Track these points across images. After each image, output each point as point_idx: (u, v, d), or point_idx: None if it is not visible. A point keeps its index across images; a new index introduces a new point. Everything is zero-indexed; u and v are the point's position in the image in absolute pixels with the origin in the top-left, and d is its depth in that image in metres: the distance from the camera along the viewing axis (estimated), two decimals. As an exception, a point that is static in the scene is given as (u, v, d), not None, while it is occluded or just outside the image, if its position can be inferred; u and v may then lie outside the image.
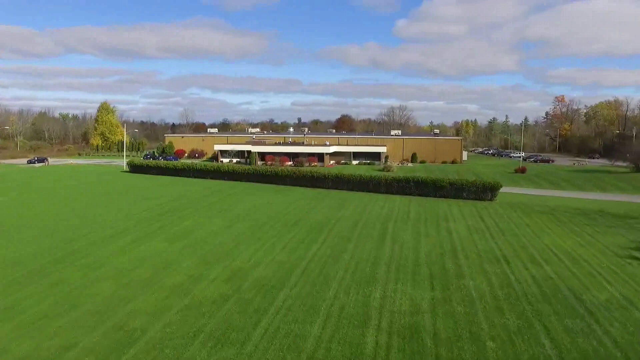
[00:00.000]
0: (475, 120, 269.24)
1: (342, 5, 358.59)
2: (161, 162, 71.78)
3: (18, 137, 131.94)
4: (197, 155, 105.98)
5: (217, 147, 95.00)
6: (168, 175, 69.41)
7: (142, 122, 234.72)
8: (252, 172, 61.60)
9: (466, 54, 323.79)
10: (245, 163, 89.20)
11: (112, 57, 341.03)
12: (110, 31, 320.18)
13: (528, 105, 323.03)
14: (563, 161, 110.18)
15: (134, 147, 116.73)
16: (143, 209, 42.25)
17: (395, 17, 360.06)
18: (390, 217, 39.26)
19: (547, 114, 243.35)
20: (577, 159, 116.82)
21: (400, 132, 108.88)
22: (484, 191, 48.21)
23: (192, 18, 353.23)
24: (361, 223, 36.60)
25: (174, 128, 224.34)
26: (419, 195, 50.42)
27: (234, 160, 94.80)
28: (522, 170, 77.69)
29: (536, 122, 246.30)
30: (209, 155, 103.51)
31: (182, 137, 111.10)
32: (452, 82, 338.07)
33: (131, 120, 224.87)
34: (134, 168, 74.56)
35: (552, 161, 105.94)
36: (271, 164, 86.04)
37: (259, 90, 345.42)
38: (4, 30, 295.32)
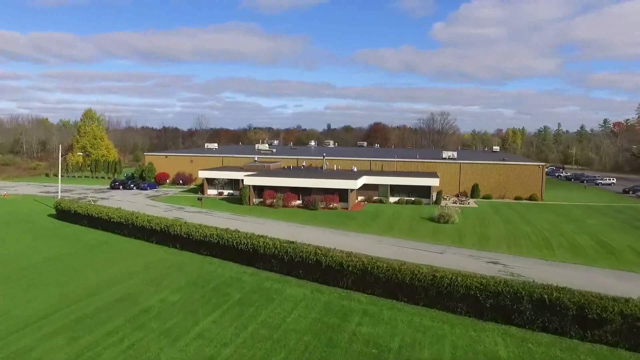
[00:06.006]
0: (523, 128, 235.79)
1: (379, 8, 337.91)
2: (94, 208, 46.58)
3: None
4: (181, 181, 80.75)
5: (202, 174, 69.48)
6: (102, 229, 44.36)
7: (165, 127, 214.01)
8: (216, 240, 35.39)
9: (503, 57, 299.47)
10: (239, 199, 63.31)
11: (148, 61, 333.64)
12: (148, 36, 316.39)
13: (567, 110, 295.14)
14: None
15: (110, 167, 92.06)
16: None
17: (432, 20, 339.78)
18: None
19: (605, 121, 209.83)
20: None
21: (455, 154, 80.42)
22: None
23: (228, 22, 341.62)
24: None
25: (187, 136, 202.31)
26: (543, 329, 23.13)
27: (225, 192, 69.13)
28: (666, 227, 48.24)
29: (592, 130, 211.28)
30: (198, 181, 78.15)
31: (166, 156, 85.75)
32: (488, 86, 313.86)
33: (139, 126, 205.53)
34: (61, 214, 49.81)
35: (672, 197, 75.14)
36: (271, 203, 59.72)
37: (293, 94, 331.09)
38: (51, 36, 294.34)
